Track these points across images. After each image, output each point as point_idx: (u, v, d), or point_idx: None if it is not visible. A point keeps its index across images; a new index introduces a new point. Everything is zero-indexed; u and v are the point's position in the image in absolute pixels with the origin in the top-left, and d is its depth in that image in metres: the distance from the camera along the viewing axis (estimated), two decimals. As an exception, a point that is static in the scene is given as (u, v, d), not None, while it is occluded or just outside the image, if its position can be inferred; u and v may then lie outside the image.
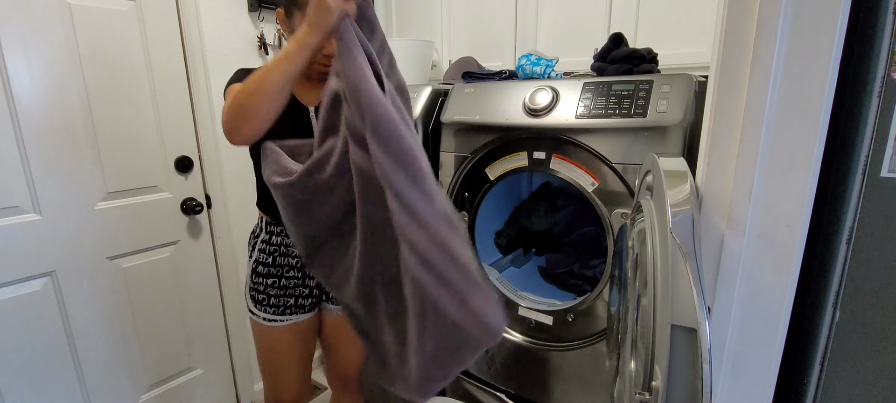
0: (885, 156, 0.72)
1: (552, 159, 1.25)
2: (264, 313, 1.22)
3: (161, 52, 1.58)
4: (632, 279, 0.85)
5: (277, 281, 1.20)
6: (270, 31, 1.84)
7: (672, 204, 0.67)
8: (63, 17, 1.37)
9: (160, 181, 1.65)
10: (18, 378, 1.41)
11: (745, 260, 0.78)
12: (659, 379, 0.60)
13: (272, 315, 1.22)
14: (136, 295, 1.64)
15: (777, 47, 0.70)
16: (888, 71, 0.71)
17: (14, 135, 1.32)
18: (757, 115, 0.73)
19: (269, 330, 1.23)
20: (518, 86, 1.33)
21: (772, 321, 0.80)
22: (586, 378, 1.33)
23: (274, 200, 1.08)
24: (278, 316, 1.22)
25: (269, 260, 1.20)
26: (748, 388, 0.85)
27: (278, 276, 1.20)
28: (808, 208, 0.74)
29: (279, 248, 1.20)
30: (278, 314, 1.22)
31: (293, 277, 1.21)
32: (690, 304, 0.59)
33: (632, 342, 0.82)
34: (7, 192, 1.33)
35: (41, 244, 1.41)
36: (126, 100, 1.53)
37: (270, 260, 1.20)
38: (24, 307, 1.40)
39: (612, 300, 1.13)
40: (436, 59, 2.02)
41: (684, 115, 1.04)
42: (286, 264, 1.20)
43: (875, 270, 0.76)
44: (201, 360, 1.87)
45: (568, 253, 1.65)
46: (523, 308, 1.42)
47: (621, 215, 1.15)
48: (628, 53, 1.29)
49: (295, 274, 1.21)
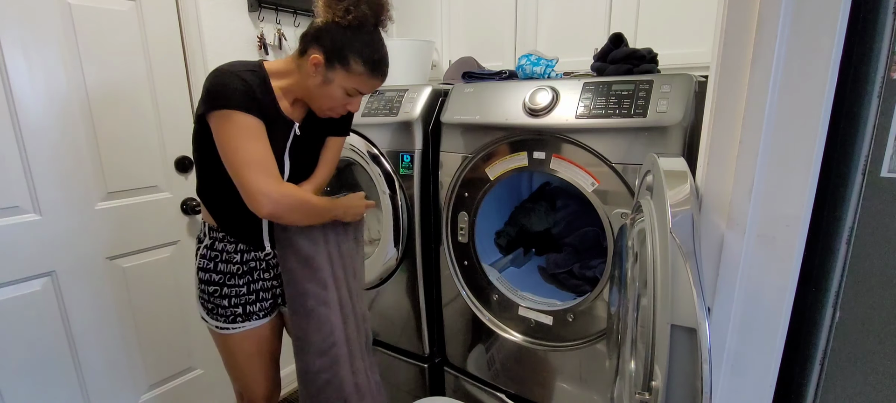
0: (885, 156, 0.72)
1: (552, 159, 1.25)
2: (216, 321, 1.19)
3: (161, 51, 1.58)
4: (632, 279, 0.85)
5: (219, 289, 1.16)
6: (270, 31, 1.84)
7: (672, 204, 0.67)
8: (63, 17, 1.37)
9: (160, 181, 1.65)
10: (18, 378, 1.41)
11: (745, 260, 0.78)
12: (659, 379, 0.60)
13: (223, 323, 1.18)
14: (136, 295, 1.64)
15: (777, 47, 0.70)
16: (888, 71, 0.70)
17: (14, 135, 1.32)
18: (757, 115, 0.73)
19: (224, 337, 1.20)
20: (518, 86, 1.33)
21: (772, 321, 0.80)
22: (586, 378, 1.33)
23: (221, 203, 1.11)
24: (229, 324, 1.18)
25: (211, 266, 1.15)
26: (748, 388, 0.85)
27: (220, 285, 1.16)
28: (808, 208, 0.74)
29: (221, 255, 1.15)
30: (229, 322, 1.18)
31: (234, 285, 1.16)
32: (690, 304, 0.59)
33: (632, 342, 0.82)
34: (7, 192, 1.33)
35: (41, 244, 1.41)
36: (126, 100, 1.53)
37: (212, 266, 1.15)
38: (24, 307, 1.40)
39: (612, 300, 1.13)
40: (436, 59, 2.02)
41: (684, 115, 1.04)
42: (228, 271, 1.15)
43: (875, 270, 0.76)
44: (201, 360, 1.87)
45: (568, 253, 1.65)
46: (523, 308, 1.42)
47: (621, 215, 1.15)
48: (628, 53, 1.29)
49: (236, 281, 1.16)
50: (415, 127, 1.48)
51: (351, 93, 1.08)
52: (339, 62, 1.03)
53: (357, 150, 1.60)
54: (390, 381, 1.83)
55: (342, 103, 1.10)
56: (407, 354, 1.74)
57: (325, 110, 1.12)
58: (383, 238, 1.62)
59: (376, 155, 1.57)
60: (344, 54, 1.02)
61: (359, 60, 1.03)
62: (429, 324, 1.66)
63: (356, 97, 1.10)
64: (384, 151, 1.56)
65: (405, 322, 1.69)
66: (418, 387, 1.73)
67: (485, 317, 1.51)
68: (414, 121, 1.47)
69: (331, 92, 1.07)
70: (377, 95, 1.62)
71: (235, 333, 1.20)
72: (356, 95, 1.10)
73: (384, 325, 1.79)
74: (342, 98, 1.08)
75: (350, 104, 1.11)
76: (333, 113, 1.13)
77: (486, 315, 1.51)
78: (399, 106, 1.52)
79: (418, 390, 1.74)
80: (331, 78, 1.05)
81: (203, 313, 1.20)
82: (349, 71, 1.04)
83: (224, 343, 1.22)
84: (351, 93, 1.08)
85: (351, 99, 1.09)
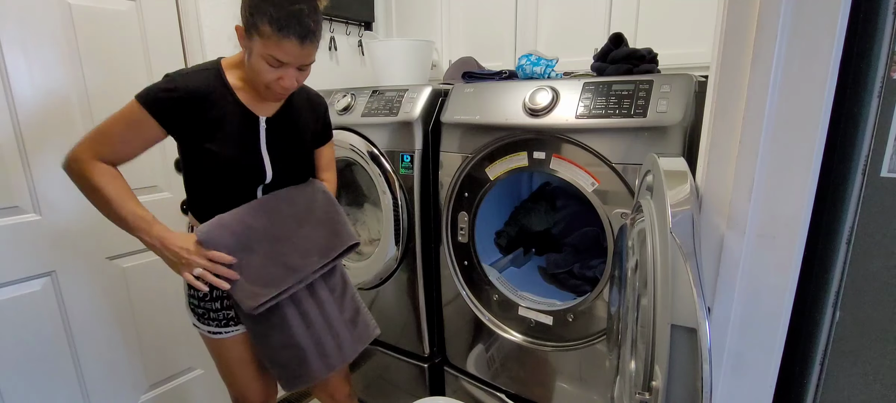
0: (885, 156, 0.72)
1: (552, 159, 1.25)
2: (207, 326, 1.17)
3: (161, 52, 1.58)
4: (632, 279, 0.85)
5: (210, 292, 1.12)
6: (270, 31, 1.84)
7: (672, 204, 0.67)
8: (63, 17, 1.37)
9: (160, 181, 1.64)
10: (18, 378, 1.41)
11: (745, 260, 0.78)
12: (659, 379, 0.60)
13: (216, 328, 1.16)
14: (136, 295, 1.64)
15: (777, 47, 0.70)
16: (888, 71, 0.70)
17: (14, 135, 1.32)
18: (757, 115, 0.73)
19: (217, 342, 1.19)
20: (518, 86, 1.33)
21: (772, 321, 0.80)
22: (586, 378, 1.33)
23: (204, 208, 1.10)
24: (222, 328, 1.16)
25: None
26: (748, 388, 0.85)
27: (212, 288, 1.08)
28: (808, 208, 0.74)
29: None
30: (221, 326, 1.16)
31: None
32: (690, 304, 0.59)
33: (632, 342, 0.82)
34: (7, 192, 1.33)
35: (41, 244, 1.41)
36: (126, 100, 1.52)
37: None
38: (24, 307, 1.40)
39: (612, 300, 1.13)
40: (436, 59, 2.02)
41: (684, 115, 1.04)
42: None
43: (875, 270, 0.76)
44: (201, 360, 1.87)
45: (568, 253, 1.65)
46: (523, 308, 1.42)
47: (621, 215, 1.15)
48: (628, 53, 1.29)
49: None
50: (415, 127, 1.48)
51: (271, 63, 0.95)
52: (253, 29, 0.92)
53: (357, 150, 1.60)
54: (390, 381, 1.83)
55: (273, 78, 0.97)
56: (407, 354, 1.74)
57: (263, 90, 1.02)
58: (383, 238, 1.62)
59: (376, 155, 1.57)
60: (253, 18, 0.91)
61: (265, 19, 0.90)
62: (429, 324, 1.66)
63: (283, 69, 0.96)
64: (384, 151, 1.56)
65: (405, 322, 1.69)
66: (418, 387, 1.74)
67: (485, 317, 1.51)
68: (414, 121, 1.47)
69: (254, 64, 0.96)
70: (377, 95, 1.62)
71: (228, 337, 1.18)
72: (278, 66, 0.96)
73: (384, 325, 1.78)
74: (268, 71, 0.96)
75: (282, 80, 0.98)
76: (271, 95, 1.03)
77: (486, 315, 1.51)
78: (399, 106, 1.52)
79: (418, 390, 1.74)
80: (250, 48, 0.95)
81: (194, 319, 1.18)
82: (261, 35, 0.91)
83: (218, 348, 1.21)
84: (271, 63, 0.95)
85: (278, 72, 0.96)
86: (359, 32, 2.19)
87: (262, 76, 0.98)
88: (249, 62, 0.98)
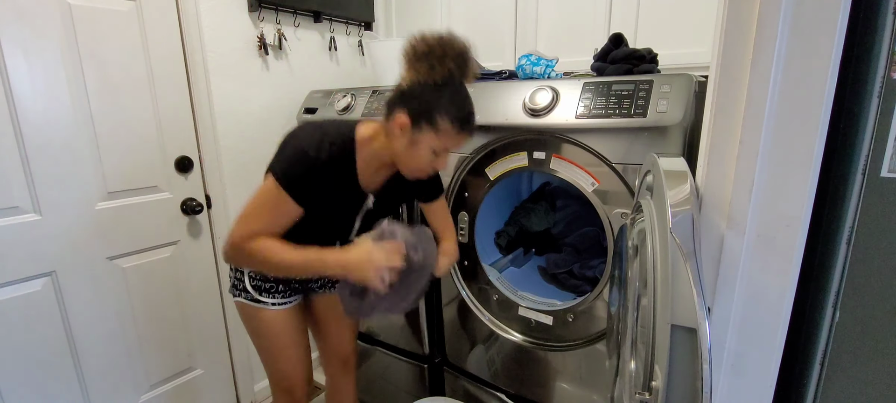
0: (885, 156, 0.72)
1: (552, 159, 1.25)
2: (273, 299, 1.23)
3: (161, 52, 1.58)
4: (632, 279, 0.85)
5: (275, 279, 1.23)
6: (270, 31, 1.84)
7: (672, 204, 0.67)
8: (63, 17, 1.37)
9: (160, 181, 1.64)
10: (19, 378, 1.41)
11: (745, 260, 0.78)
12: (659, 379, 0.60)
13: (282, 299, 1.24)
14: (136, 295, 1.64)
15: (777, 47, 0.70)
16: (888, 71, 0.70)
17: (14, 136, 1.32)
18: (757, 115, 0.73)
19: (276, 315, 1.24)
20: (518, 86, 1.33)
21: (772, 321, 0.80)
22: (586, 378, 1.33)
23: None
24: (287, 298, 1.25)
25: None
26: (748, 388, 0.85)
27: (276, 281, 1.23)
28: (808, 208, 0.74)
29: None
30: (286, 297, 1.24)
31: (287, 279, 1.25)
32: (690, 304, 0.59)
33: (632, 342, 0.82)
34: (7, 192, 1.33)
35: (41, 244, 1.41)
36: (126, 100, 1.53)
37: None
38: (24, 307, 1.40)
39: (611, 300, 1.13)
40: (436, 59, 2.02)
41: (684, 115, 1.04)
42: None
43: (875, 270, 0.76)
44: (201, 360, 1.87)
45: (568, 253, 1.65)
46: (523, 308, 1.42)
47: (621, 215, 1.15)
48: (628, 53, 1.29)
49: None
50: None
51: (439, 152, 1.05)
52: (426, 122, 1.00)
53: (357, 150, 1.60)
54: (390, 381, 1.84)
55: (429, 163, 1.06)
56: (407, 354, 1.74)
57: (413, 170, 1.09)
58: (383, 238, 1.62)
59: (376, 155, 1.56)
60: (431, 114, 0.99)
61: (446, 118, 0.99)
62: (429, 324, 1.66)
63: (443, 155, 1.07)
64: (384, 151, 1.56)
65: (405, 322, 1.69)
66: (418, 387, 1.74)
67: (485, 317, 1.51)
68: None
69: (418, 153, 1.04)
70: (377, 95, 1.61)
71: (287, 308, 1.25)
72: (443, 154, 1.07)
73: (384, 325, 1.79)
74: (429, 158, 1.05)
75: (437, 162, 1.07)
76: (421, 174, 1.10)
77: (486, 315, 1.51)
78: (399, 106, 1.52)
79: (418, 390, 1.74)
80: (417, 139, 1.02)
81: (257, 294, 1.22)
82: (437, 130, 1.00)
83: (274, 321, 1.24)
84: (439, 152, 1.05)
85: (438, 158, 1.06)
86: (359, 32, 2.19)
87: (422, 161, 1.06)
88: (410, 150, 1.04)
